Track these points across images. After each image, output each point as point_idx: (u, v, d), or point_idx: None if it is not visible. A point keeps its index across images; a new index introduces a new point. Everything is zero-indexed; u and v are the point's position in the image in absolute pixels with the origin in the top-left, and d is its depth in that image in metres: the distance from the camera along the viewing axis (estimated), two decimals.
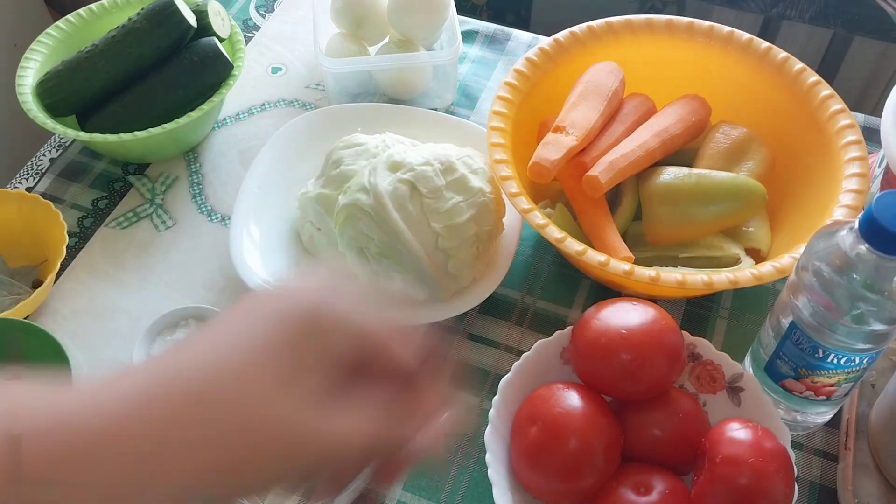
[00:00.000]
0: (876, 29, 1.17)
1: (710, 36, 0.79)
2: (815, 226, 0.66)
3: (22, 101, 0.81)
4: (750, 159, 0.76)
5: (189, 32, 0.82)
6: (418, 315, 0.70)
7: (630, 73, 0.79)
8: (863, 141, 0.70)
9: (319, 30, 0.89)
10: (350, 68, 0.88)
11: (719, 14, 1.23)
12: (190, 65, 0.82)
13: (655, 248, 0.74)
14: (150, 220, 0.82)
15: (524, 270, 0.78)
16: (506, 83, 0.75)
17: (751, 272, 0.64)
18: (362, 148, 0.74)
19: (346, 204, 0.68)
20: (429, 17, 0.88)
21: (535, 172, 0.70)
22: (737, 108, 0.79)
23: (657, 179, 0.73)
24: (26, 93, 0.81)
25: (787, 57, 0.76)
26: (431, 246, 0.68)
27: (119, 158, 0.87)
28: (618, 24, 0.79)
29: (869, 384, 0.68)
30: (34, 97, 0.82)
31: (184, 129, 0.80)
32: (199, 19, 0.84)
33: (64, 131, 0.79)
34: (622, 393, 0.60)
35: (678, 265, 0.72)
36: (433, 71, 0.90)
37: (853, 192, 0.67)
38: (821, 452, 0.67)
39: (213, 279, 0.77)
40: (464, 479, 0.66)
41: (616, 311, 0.61)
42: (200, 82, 0.82)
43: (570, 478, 0.57)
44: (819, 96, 0.73)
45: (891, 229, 0.49)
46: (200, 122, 0.82)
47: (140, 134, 0.78)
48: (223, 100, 0.83)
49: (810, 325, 0.56)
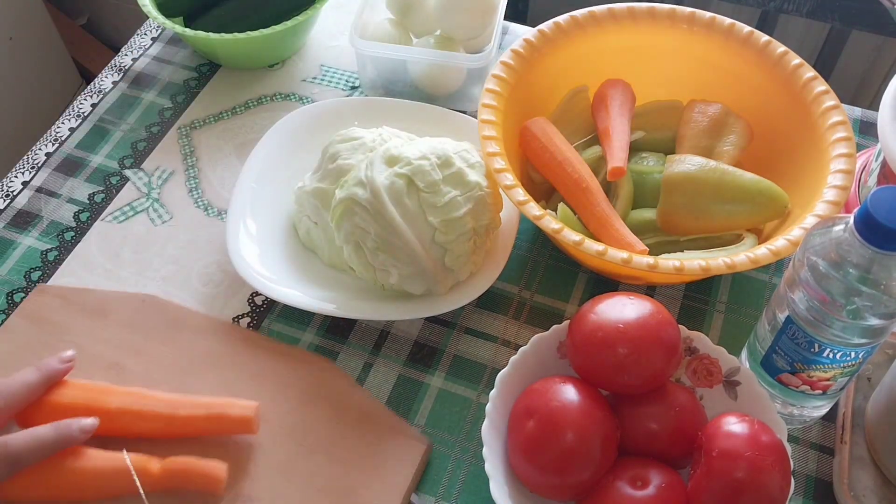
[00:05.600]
0: (873, 23, 1.17)
1: (692, 22, 0.80)
2: (804, 209, 0.67)
3: (141, 2, 0.91)
4: (730, 132, 0.77)
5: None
6: (415, 309, 0.70)
7: (613, 61, 0.80)
8: (853, 138, 0.70)
9: (366, 11, 0.89)
10: (376, 52, 0.86)
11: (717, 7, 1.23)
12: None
13: (657, 234, 0.74)
14: (146, 215, 0.82)
15: (521, 265, 0.78)
16: (493, 76, 0.75)
17: (746, 255, 0.64)
18: (359, 142, 0.74)
19: (343, 198, 0.68)
20: (473, 17, 0.87)
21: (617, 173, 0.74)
22: (733, 100, 0.79)
23: (679, 168, 0.72)
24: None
25: (785, 51, 0.76)
26: (428, 240, 0.68)
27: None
28: (601, 14, 0.80)
29: (865, 378, 0.68)
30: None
31: (279, 37, 0.89)
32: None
33: (172, 26, 0.89)
34: (619, 387, 0.60)
35: (680, 247, 0.73)
36: (468, 73, 0.89)
37: (836, 187, 0.68)
38: (817, 446, 0.67)
39: (210, 273, 0.77)
40: (461, 472, 0.66)
41: (613, 305, 0.61)
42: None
43: (566, 471, 0.57)
44: (814, 91, 0.74)
45: (886, 224, 0.49)
46: (292, 32, 0.91)
47: (240, 36, 0.87)
48: (315, 15, 0.92)
49: (806, 320, 0.57)
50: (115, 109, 0.91)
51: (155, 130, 0.90)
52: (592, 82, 0.81)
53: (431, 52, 0.86)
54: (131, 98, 0.93)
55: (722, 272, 0.63)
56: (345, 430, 0.66)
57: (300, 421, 0.67)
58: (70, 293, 0.74)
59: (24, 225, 0.81)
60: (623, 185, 0.75)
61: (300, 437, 0.66)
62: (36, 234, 0.80)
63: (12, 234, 0.80)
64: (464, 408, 0.69)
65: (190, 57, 0.97)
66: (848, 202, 0.74)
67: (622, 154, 0.74)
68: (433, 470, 0.66)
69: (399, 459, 0.65)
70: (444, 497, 0.65)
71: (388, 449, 0.65)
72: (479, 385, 0.71)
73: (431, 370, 0.71)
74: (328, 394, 0.68)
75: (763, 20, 1.26)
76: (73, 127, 0.90)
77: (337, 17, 1.01)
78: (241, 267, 0.72)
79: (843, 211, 0.69)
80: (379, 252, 0.68)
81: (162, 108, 0.92)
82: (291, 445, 0.65)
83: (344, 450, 0.65)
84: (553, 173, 0.75)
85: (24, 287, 0.76)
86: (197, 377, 0.69)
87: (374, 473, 0.64)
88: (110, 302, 0.74)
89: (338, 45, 0.98)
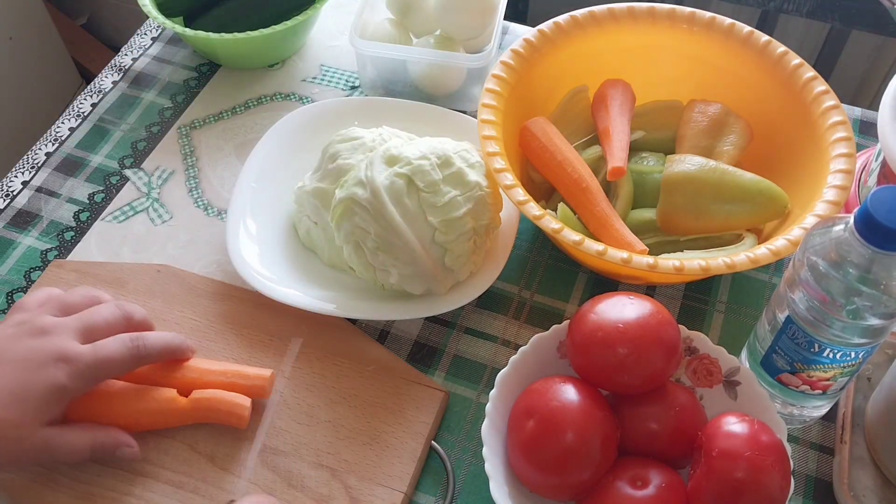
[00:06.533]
0: (873, 23, 1.17)
1: (692, 22, 0.80)
2: (804, 209, 0.67)
3: (141, 2, 0.90)
4: (730, 132, 0.77)
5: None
6: (415, 309, 0.70)
7: (613, 61, 0.80)
8: (853, 138, 0.70)
9: (366, 11, 0.89)
10: (376, 52, 0.86)
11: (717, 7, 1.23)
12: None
13: (657, 234, 0.74)
14: (146, 214, 0.82)
15: (521, 264, 0.78)
16: (493, 76, 0.75)
17: (746, 255, 0.64)
18: (359, 142, 0.74)
19: (343, 198, 0.68)
20: (473, 17, 0.87)
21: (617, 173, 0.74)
22: (733, 100, 0.79)
23: (679, 168, 0.72)
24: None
25: (785, 51, 0.76)
26: (428, 240, 0.68)
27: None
28: (601, 14, 0.80)
29: (865, 378, 0.68)
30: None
31: (279, 37, 0.89)
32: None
33: (172, 26, 0.88)
34: (619, 387, 0.60)
35: (680, 247, 0.73)
36: (468, 73, 0.89)
37: (836, 187, 0.68)
38: (817, 446, 0.67)
39: (210, 273, 0.77)
40: (461, 472, 0.66)
41: (613, 305, 0.61)
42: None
43: (566, 471, 0.57)
44: (814, 91, 0.74)
45: (886, 224, 0.49)
46: (292, 32, 0.91)
47: (240, 36, 0.87)
48: (315, 15, 0.92)
49: (806, 320, 0.57)
50: (115, 109, 0.91)
51: (155, 130, 0.90)
52: (592, 82, 0.81)
53: (431, 52, 0.86)
54: (131, 98, 0.93)
55: (722, 272, 0.63)
56: (365, 381, 0.69)
57: (320, 376, 0.69)
58: (85, 266, 0.76)
59: (23, 225, 0.81)
60: (623, 185, 0.75)
61: (321, 390, 0.68)
62: (36, 234, 0.80)
63: (12, 233, 0.81)
64: (464, 408, 0.69)
65: (190, 57, 0.97)
66: (848, 202, 0.74)
67: (622, 154, 0.74)
68: (433, 470, 0.66)
69: (419, 407, 0.67)
70: (444, 497, 0.65)
71: (407, 397, 0.68)
72: (478, 385, 0.71)
73: (431, 370, 0.71)
74: (347, 350, 0.71)
75: (763, 20, 1.26)
76: (73, 127, 0.90)
77: (337, 17, 1.01)
78: (241, 267, 0.72)
79: (843, 211, 0.69)
80: (379, 252, 0.68)
81: (162, 107, 0.92)
82: (313, 399, 0.68)
83: (365, 400, 0.68)
84: (553, 173, 0.75)
85: (23, 287, 0.76)
86: (218, 340, 0.71)
87: (395, 420, 0.67)
88: (126, 273, 0.76)
89: (338, 45, 0.98)
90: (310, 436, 0.66)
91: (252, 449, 0.65)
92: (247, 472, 0.64)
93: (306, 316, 0.72)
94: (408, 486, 0.64)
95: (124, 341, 0.63)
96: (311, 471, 0.64)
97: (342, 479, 0.64)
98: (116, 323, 0.64)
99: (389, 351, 0.71)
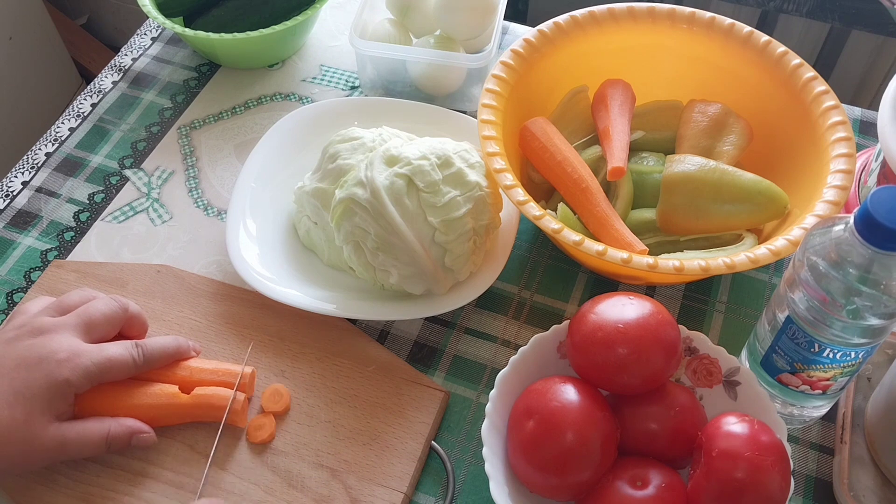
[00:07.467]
0: (873, 23, 1.17)
1: (692, 22, 0.80)
2: (804, 209, 0.67)
3: (141, 2, 0.91)
4: (730, 132, 0.77)
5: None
6: (415, 309, 0.70)
7: (613, 61, 0.80)
8: (853, 138, 0.70)
9: (366, 11, 0.89)
10: (375, 52, 0.86)
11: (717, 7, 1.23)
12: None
13: (657, 234, 0.74)
14: (146, 215, 0.82)
15: (521, 265, 0.78)
16: (493, 76, 0.75)
17: (746, 255, 0.64)
18: (359, 142, 0.74)
19: (343, 198, 0.68)
20: (473, 17, 0.87)
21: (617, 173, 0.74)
22: (733, 100, 0.79)
23: (679, 168, 0.72)
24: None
25: (785, 51, 0.76)
26: (428, 240, 0.68)
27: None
28: (601, 14, 0.80)
29: (865, 378, 0.68)
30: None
31: (279, 37, 0.89)
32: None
33: (172, 26, 0.89)
34: (619, 387, 0.60)
35: (680, 247, 0.73)
36: (467, 73, 0.89)
37: (836, 187, 0.68)
38: (817, 446, 0.67)
39: (210, 274, 0.77)
40: (461, 472, 0.66)
41: (613, 305, 0.61)
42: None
43: (566, 471, 0.57)
44: (814, 91, 0.74)
45: (886, 224, 0.49)
46: (292, 32, 0.91)
47: (240, 36, 0.87)
48: (315, 15, 0.92)
49: (806, 320, 0.57)
50: (115, 109, 0.92)
51: (155, 130, 0.90)
52: (592, 82, 0.81)
53: (431, 52, 0.86)
54: (131, 98, 0.93)
55: (722, 272, 0.63)
56: (365, 381, 0.69)
57: (320, 376, 0.69)
58: (85, 267, 0.76)
59: (23, 225, 0.81)
60: (623, 185, 0.75)
61: (321, 390, 0.69)
62: (36, 234, 0.80)
63: (12, 234, 0.81)
64: (463, 408, 0.69)
65: (190, 57, 0.97)
66: (848, 202, 0.74)
67: (622, 154, 0.74)
68: (433, 470, 0.66)
69: (419, 407, 0.68)
70: (444, 497, 0.65)
71: (407, 397, 0.68)
72: (478, 385, 0.71)
73: (431, 370, 0.71)
74: (347, 350, 0.71)
75: (763, 20, 1.26)
76: (73, 127, 0.90)
77: (337, 17, 1.01)
78: (241, 267, 0.72)
79: (843, 211, 0.69)
80: (379, 252, 0.68)
81: (162, 108, 0.92)
82: (313, 399, 0.68)
83: (365, 400, 0.68)
84: (553, 173, 0.75)
85: (23, 287, 0.76)
86: (218, 340, 0.71)
87: (396, 420, 0.67)
88: (126, 273, 0.76)
89: (338, 45, 0.98)
90: (310, 436, 0.66)
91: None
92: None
93: (306, 316, 0.72)
94: (408, 486, 0.64)
95: (127, 346, 0.63)
96: (311, 471, 0.64)
97: (342, 480, 0.64)
98: (114, 315, 0.65)
99: (389, 351, 0.71)
